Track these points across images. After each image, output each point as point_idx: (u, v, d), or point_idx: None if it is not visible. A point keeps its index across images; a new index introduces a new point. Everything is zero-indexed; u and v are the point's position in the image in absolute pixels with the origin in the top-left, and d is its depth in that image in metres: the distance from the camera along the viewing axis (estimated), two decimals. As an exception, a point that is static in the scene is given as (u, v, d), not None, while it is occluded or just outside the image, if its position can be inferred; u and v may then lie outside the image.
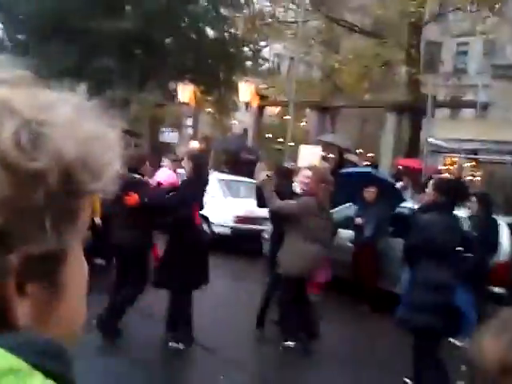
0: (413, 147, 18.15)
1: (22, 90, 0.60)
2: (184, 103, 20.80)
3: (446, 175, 19.07)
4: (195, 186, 6.29)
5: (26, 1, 22.88)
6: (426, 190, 6.42)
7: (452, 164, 22.57)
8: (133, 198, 6.14)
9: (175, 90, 23.13)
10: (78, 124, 0.60)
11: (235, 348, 6.53)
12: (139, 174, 6.37)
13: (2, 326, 0.57)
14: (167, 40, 23.62)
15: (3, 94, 0.58)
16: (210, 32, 23.84)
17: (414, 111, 17.93)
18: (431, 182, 6.20)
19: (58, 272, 0.61)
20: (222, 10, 23.56)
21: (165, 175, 8.91)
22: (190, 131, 20.66)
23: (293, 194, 7.13)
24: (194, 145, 17.66)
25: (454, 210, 5.65)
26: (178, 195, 6.29)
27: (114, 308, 6.21)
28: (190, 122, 20.87)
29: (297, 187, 7.40)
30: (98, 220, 8.39)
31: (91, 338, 5.66)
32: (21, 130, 0.55)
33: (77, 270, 0.64)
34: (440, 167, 18.10)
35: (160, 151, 18.02)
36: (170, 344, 6.09)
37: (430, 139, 13.41)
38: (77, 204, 0.61)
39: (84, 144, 0.59)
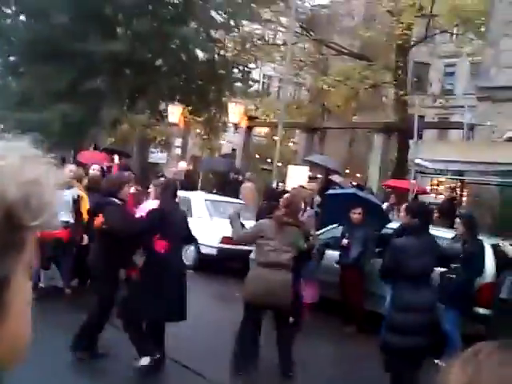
0: (400, 168, 18.28)
1: None
2: (173, 123, 20.88)
3: (433, 196, 19.22)
4: (156, 215, 6.21)
5: (18, 24, 23.06)
6: (400, 214, 6.52)
7: (439, 185, 22.75)
8: (98, 221, 6.24)
9: (165, 111, 23.24)
10: (21, 170, 0.69)
11: (221, 370, 6.51)
12: (117, 197, 6.34)
13: None
14: (157, 61, 23.77)
15: None
16: (199, 53, 24.02)
17: (401, 132, 18.08)
18: (403, 205, 6.30)
19: (1, 296, 0.69)
20: (212, 32, 23.78)
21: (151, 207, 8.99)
22: (179, 151, 20.70)
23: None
24: (183, 165, 17.68)
25: (427, 232, 5.70)
26: (138, 222, 6.37)
27: (84, 328, 6.22)
28: (178, 142, 20.92)
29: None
30: (86, 240, 8.44)
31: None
32: None
33: (20, 295, 0.72)
34: (427, 188, 18.24)
35: (148, 171, 18.05)
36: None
37: (416, 160, 13.50)
38: (20, 237, 0.70)
39: (25, 187, 0.68)
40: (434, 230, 8.70)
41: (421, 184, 16.08)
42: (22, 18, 23.78)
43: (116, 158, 14.93)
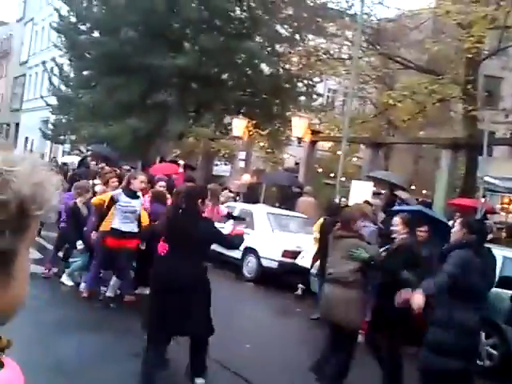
0: (468, 185, 17.78)
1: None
2: (237, 137, 21.06)
3: (503, 214, 18.60)
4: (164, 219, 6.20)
5: (92, 40, 23.90)
6: (453, 229, 6.12)
7: (510, 203, 22.01)
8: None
9: (229, 124, 23.50)
10: (31, 174, 0.95)
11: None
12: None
13: None
14: (223, 75, 24.10)
15: None
16: (264, 67, 24.21)
17: (470, 148, 17.61)
18: (458, 220, 5.97)
19: (10, 265, 0.96)
20: (277, 47, 23.93)
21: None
22: (243, 164, 20.84)
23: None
24: (246, 178, 17.79)
25: (484, 249, 5.44)
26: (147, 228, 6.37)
27: None
28: (242, 155, 21.07)
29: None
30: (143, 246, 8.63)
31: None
32: None
33: (23, 266, 0.98)
34: (497, 206, 17.67)
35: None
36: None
37: (486, 178, 13.12)
38: (26, 223, 0.96)
39: (34, 187, 0.95)
40: (504, 250, 8.44)
41: (490, 202, 15.63)
42: (96, 34, 24.61)
43: (180, 169, 15.15)
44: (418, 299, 4.93)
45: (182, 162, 16.18)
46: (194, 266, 5.57)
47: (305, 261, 11.05)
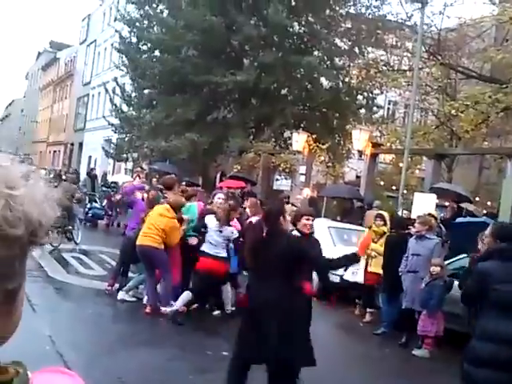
0: (536, 196, 17.23)
1: None
2: (298, 151, 21.05)
3: None
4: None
5: (152, 60, 24.46)
6: (485, 239, 5.91)
7: None
8: None
9: (289, 138, 23.53)
10: (32, 192, 0.84)
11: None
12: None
13: None
14: (283, 90, 24.20)
15: None
16: (324, 81, 24.18)
17: (536, 158, 17.09)
18: (488, 228, 5.73)
19: (16, 298, 0.89)
20: (336, 60, 23.88)
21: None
22: (303, 179, 20.81)
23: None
24: (307, 192, 17.75)
25: None
26: None
27: None
28: (303, 169, 21.04)
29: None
30: None
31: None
32: (5, 208, 0.79)
33: (23, 295, 0.92)
34: None
35: (273, 198, 18.24)
36: None
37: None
38: (30, 251, 0.86)
39: (40, 209, 0.83)
40: None
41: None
42: (157, 53, 25.17)
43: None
44: None
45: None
46: (283, 287, 5.23)
47: (356, 276, 10.93)
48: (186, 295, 8.78)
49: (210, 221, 8.84)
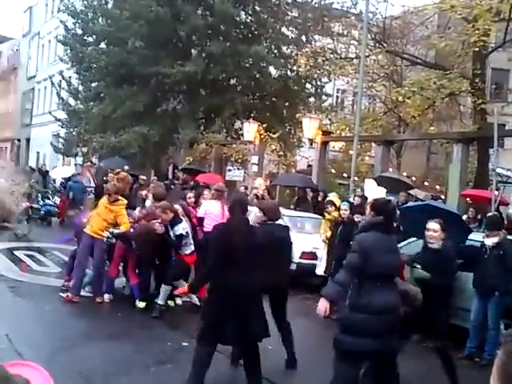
0: (481, 179, 17.76)
1: None
2: (249, 141, 21.11)
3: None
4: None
5: (98, 52, 24.08)
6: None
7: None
8: None
9: (240, 129, 23.58)
10: (5, 185, 0.91)
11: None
12: None
13: None
14: (231, 80, 24.20)
15: None
16: (272, 70, 24.29)
17: (481, 142, 17.61)
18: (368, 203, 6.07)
19: None
20: (284, 49, 24.01)
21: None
22: (256, 169, 20.90)
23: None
24: (260, 182, 17.82)
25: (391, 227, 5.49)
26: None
27: None
28: (255, 159, 21.13)
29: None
30: None
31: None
32: None
33: None
34: (511, 198, 17.60)
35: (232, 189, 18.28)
36: None
37: (498, 169, 13.11)
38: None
39: (11, 198, 0.90)
40: None
41: (504, 194, 15.58)
42: (102, 45, 24.80)
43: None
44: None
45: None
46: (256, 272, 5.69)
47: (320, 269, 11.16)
48: (167, 289, 8.83)
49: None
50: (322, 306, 4.90)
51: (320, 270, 11.11)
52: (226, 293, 5.59)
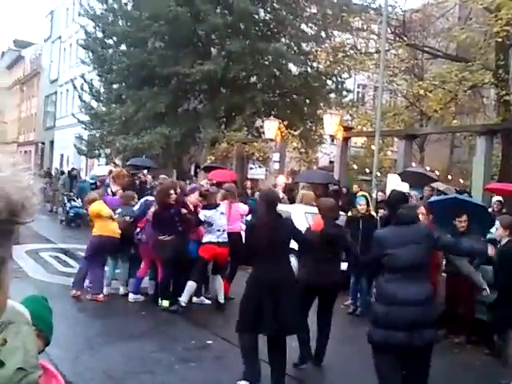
0: (505, 171, 17.52)
1: None
2: (270, 139, 21.09)
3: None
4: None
5: (118, 54, 24.24)
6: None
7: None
8: None
9: (261, 127, 23.55)
10: (17, 179, 0.93)
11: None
12: None
13: None
14: (252, 78, 24.19)
15: None
16: (292, 67, 24.23)
17: (505, 134, 17.38)
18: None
19: (1, 272, 0.95)
20: (304, 45, 23.93)
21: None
22: (277, 166, 20.87)
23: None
24: (281, 179, 17.79)
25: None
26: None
27: None
28: (276, 157, 21.10)
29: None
30: None
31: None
32: None
33: (8, 272, 0.98)
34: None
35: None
36: None
37: (523, 162, 12.93)
38: (14, 228, 0.95)
39: (21, 192, 0.92)
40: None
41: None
42: (123, 47, 24.95)
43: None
44: None
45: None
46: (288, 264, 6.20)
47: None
48: (191, 286, 8.95)
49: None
50: None
51: (344, 266, 11.03)
52: (256, 284, 5.84)
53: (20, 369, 0.99)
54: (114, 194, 11.14)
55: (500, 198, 12.57)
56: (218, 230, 9.07)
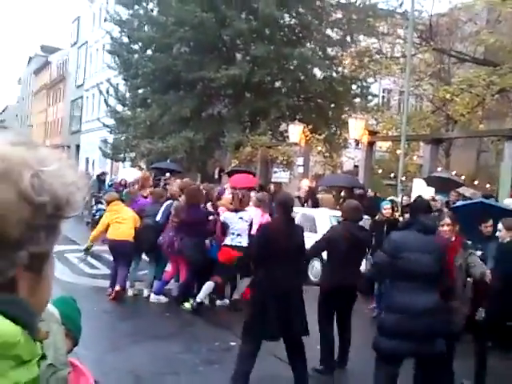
0: (534, 176, 17.26)
1: (30, 150, 0.93)
2: (294, 143, 21.06)
3: None
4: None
5: (144, 59, 24.44)
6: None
7: None
8: None
9: (286, 131, 23.53)
10: (63, 174, 0.94)
11: None
12: None
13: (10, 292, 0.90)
14: (276, 83, 24.20)
15: (22, 153, 0.91)
16: (317, 72, 24.19)
17: (533, 138, 17.12)
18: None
19: (43, 267, 0.95)
20: (329, 50, 23.88)
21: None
22: (301, 170, 20.82)
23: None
24: (305, 183, 17.75)
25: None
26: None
27: None
28: (300, 161, 21.05)
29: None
30: None
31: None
32: (33, 178, 0.89)
33: (51, 269, 0.98)
34: None
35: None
36: None
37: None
38: (59, 223, 0.95)
39: (67, 188, 0.93)
40: None
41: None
42: (149, 52, 25.14)
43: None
44: None
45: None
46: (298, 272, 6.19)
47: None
48: (209, 285, 9.02)
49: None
50: None
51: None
52: (266, 288, 5.73)
53: (50, 365, 1.00)
54: (145, 197, 11.25)
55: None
56: (233, 234, 9.11)
